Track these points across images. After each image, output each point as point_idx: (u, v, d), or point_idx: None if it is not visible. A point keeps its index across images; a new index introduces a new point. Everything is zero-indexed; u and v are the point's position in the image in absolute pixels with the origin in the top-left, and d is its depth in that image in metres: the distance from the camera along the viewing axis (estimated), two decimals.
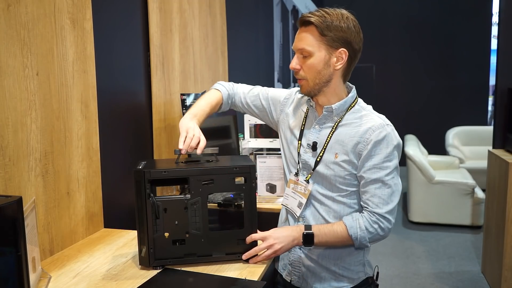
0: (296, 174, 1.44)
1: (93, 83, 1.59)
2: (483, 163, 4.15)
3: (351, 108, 1.38)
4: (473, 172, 5.00)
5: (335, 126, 1.37)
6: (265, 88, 1.62)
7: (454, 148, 6.04)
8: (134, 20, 1.92)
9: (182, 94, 2.15)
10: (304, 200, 1.40)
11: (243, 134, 2.48)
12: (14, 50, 1.24)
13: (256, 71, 4.01)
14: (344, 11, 1.31)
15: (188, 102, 2.18)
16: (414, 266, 3.60)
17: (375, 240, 1.33)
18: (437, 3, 6.75)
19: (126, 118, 1.87)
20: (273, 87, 4.67)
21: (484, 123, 6.63)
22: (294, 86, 5.41)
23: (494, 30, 6.50)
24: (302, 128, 1.44)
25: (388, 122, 1.35)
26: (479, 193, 4.41)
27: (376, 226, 1.30)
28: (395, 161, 1.32)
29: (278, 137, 2.40)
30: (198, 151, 1.34)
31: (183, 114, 2.13)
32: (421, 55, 6.89)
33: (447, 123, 6.43)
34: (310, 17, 1.29)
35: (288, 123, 1.50)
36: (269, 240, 1.30)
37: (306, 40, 1.30)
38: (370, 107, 1.41)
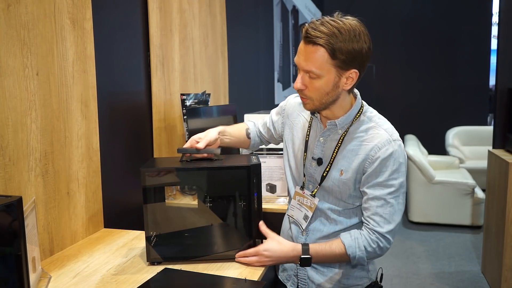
0: (302, 188, 1.40)
1: (93, 83, 1.59)
2: (483, 163, 4.15)
3: (356, 119, 1.31)
4: (473, 172, 5.00)
5: (340, 139, 1.31)
6: (270, 112, 1.62)
7: (454, 148, 6.04)
8: (134, 20, 1.92)
9: (182, 94, 2.15)
10: (310, 214, 1.37)
11: None
12: (14, 50, 1.24)
13: (256, 71, 4.01)
14: (354, 24, 1.18)
15: (188, 102, 2.18)
16: (414, 266, 3.60)
17: (371, 258, 1.32)
18: (437, 3, 6.74)
19: (126, 118, 1.87)
20: (273, 87, 4.68)
21: (484, 123, 6.63)
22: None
23: (494, 30, 6.49)
24: (307, 139, 1.40)
25: (396, 136, 1.28)
26: (479, 193, 4.41)
27: (375, 245, 1.26)
28: (401, 180, 1.27)
29: None
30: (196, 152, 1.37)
31: (183, 114, 2.14)
32: (421, 55, 6.89)
33: (447, 123, 6.43)
34: (319, 38, 1.16)
35: (291, 135, 1.46)
36: (261, 257, 1.29)
37: (314, 61, 1.18)
38: (376, 115, 1.35)
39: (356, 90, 1.35)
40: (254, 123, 1.65)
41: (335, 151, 1.32)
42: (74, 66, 1.49)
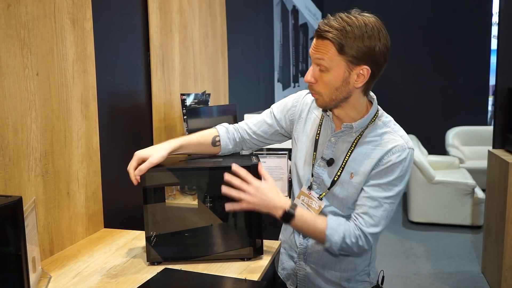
0: (309, 188, 1.37)
1: (93, 83, 1.59)
2: (483, 163, 4.16)
3: (372, 123, 1.30)
4: (473, 172, 5.01)
5: (354, 143, 1.29)
6: (271, 107, 1.51)
7: (454, 148, 6.05)
8: (134, 20, 1.92)
9: (182, 94, 2.15)
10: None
11: None
12: (14, 50, 1.24)
13: (256, 71, 4.01)
14: (369, 21, 1.18)
15: (188, 102, 2.18)
16: (414, 266, 3.60)
17: (344, 251, 1.28)
18: (437, 3, 6.75)
19: (126, 118, 1.87)
20: (273, 87, 4.68)
21: (484, 123, 6.63)
22: (294, 87, 5.41)
23: (494, 30, 6.49)
24: (317, 138, 1.36)
25: (411, 144, 1.27)
26: (479, 193, 4.41)
27: (354, 240, 1.25)
28: (401, 188, 1.26)
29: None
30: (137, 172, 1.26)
31: (183, 114, 2.14)
32: (421, 55, 6.89)
33: (447, 123, 6.44)
34: (327, 31, 1.16)
35: (301, 132, 1.42)
36: (257, 193, 1.23)
37: (323, 53, 1.18)
38: (391, 120, 1.33)
39: (373, 95, 1.33)
40: (227, 129, 1.46)
41: (348, 155, 1.29)
42: (74, 66, 1.49)
